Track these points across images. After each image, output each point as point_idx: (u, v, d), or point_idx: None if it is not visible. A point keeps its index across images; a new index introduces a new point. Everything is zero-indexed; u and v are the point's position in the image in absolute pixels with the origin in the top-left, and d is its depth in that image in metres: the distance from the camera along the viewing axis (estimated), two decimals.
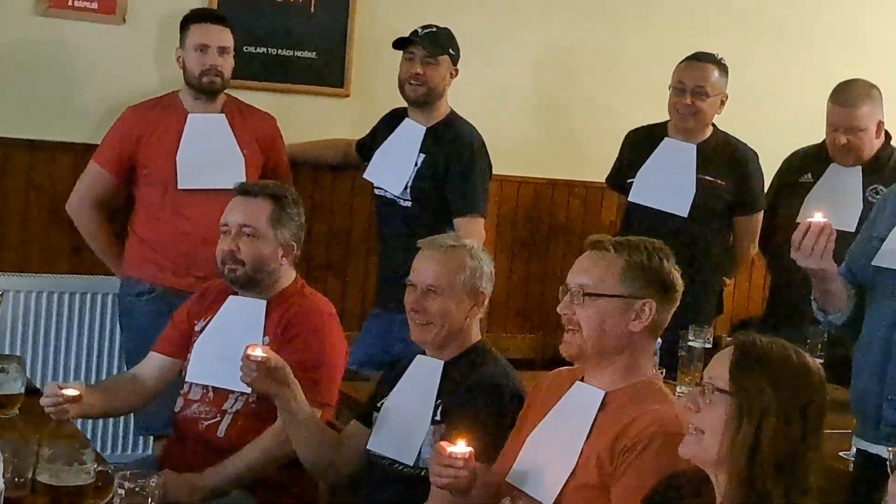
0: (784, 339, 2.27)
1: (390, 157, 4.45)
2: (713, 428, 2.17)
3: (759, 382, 2.14)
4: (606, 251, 2.59)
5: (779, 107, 5.48)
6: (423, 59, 4.35)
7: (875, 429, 2.93)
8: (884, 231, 3.00)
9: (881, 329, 2.95)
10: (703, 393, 2.19)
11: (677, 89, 4.49)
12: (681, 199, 4.49)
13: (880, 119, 4.38)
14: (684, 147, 4.54)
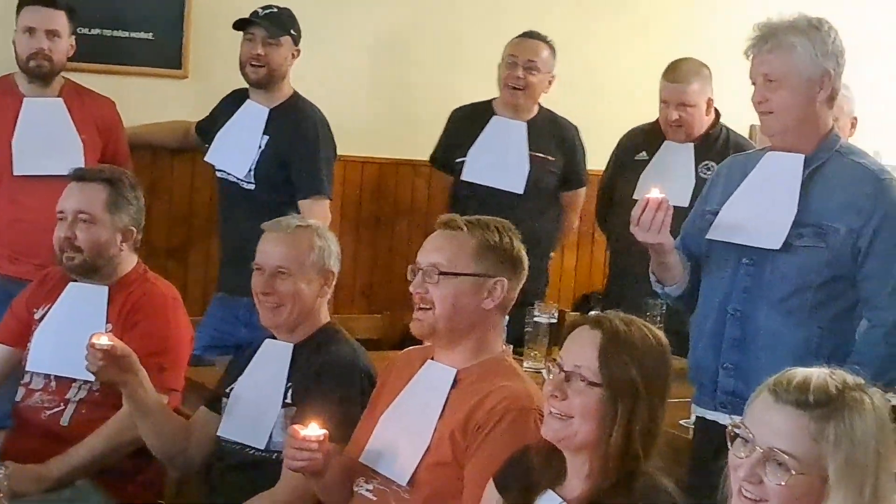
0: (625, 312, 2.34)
1: (233, 139, 4.39)
2: (583, 416, 2.20)
3: (628, 370, 2.19)
4: (459, 230, 2.62)
5: (615, 85, 5.60)
6: (264, 40, 4.30)
7: (712, 396, 3.03)
8: (716, 205, 3.10)
9: (716, 300, 3.05)
10: (569, 381, 2.22)
11: (509, 63, 4.56)
12: (516, 177, 4.57)
13: (710, 97, 4.51)
14: (514, 124, 4.60)
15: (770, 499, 1.85)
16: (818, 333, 2.93)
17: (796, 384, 1.87)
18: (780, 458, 1.84)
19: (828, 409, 1.84)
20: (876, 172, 2.97)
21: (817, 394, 1.85)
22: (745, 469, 1.87)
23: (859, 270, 2.92)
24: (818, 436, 1.83)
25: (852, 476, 1.82)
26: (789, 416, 1.85)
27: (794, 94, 2.95)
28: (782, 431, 1.85)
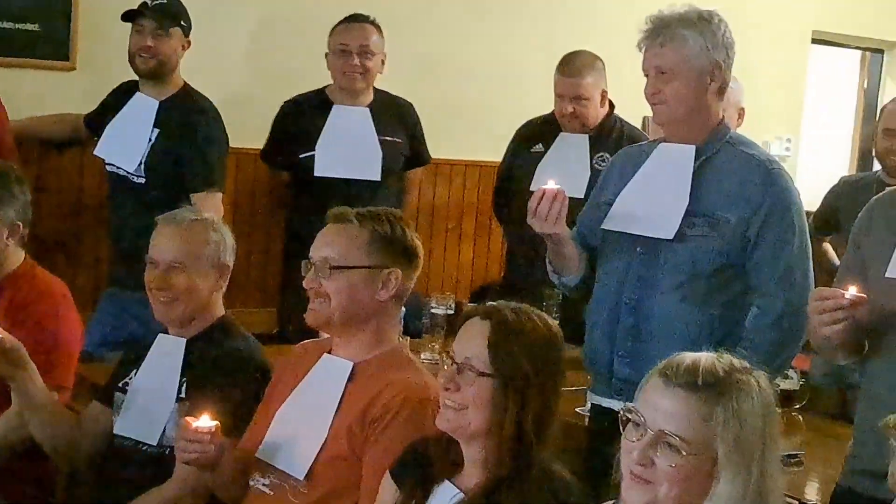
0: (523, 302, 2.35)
1: (122, 132, 4.30)
2: (476, 405, 2.21)
3: (517, 359, 2.21)
4: (350, 223, 2.60)
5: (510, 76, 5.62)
6: (154, 32, 4.22)
7: (608, 384, 3.06)
8: (611, 196, 3.13)
9: (611, 289, 3.08)
10: (461, 372, 2.23)
11: (342, 51, 4.45)
12: (371, 164, 4.49)
13: (604, 89, 4.56)
14: (357, 111, 4.52)
15: (661, 481, 1.89)
16: (710, 320, 2.98)
17: (685, 367, 1.91)
18: (670, 441, 1.87)
19: (716, 391, 1.88)
20: (765, 163, 3.02)
21: (706, 376, 1.89)
22: (637, 452, 1.90)
23: (749, 259, 2.97)
24: (707, 417, 1.87)
25: (741, 456, 1.86)
26: (679, 398, 1.89)
27: (686, 85, 2.99)
28: (672, 414, 1.88)
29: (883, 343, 2.53)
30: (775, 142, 6.81)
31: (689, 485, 1.88)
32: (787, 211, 2.98)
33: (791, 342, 2.96)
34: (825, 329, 2.44)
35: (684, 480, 1.88)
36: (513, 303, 2.31)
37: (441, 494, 2.28)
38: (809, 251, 3.05)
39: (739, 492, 1.86)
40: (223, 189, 4.32)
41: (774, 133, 6.81)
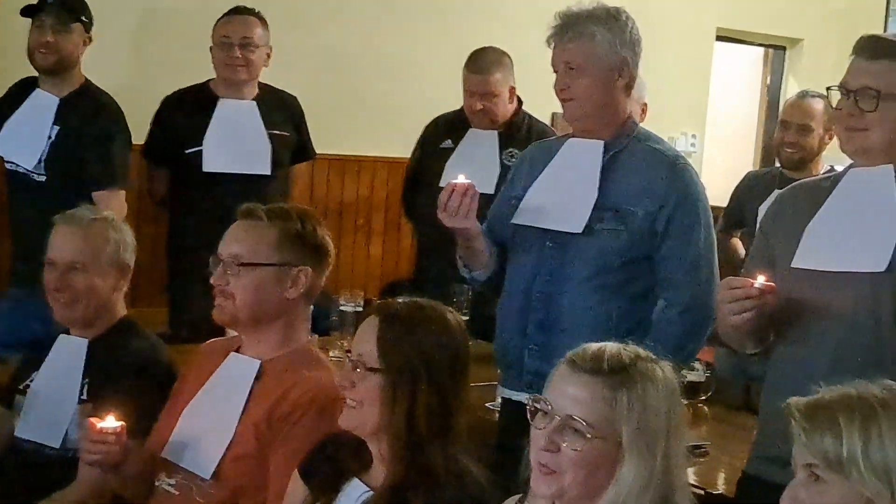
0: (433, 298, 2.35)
1: (21, 129, 4.20)
2: (370, 402, 2.21)
3: (407, 353, 2.20)
4: (259, 220, 2.58)
5: (419, 74, 5.61)
6: (54, 27, 4.13)
7: (518, 377, 3.07)
8: (520, 191, 3.13)
9: (521, 283, 3.08)
10: (356, 369, 2.23)
11: (224, 44, 4.39)
12: (260, 158, 4.43)
13: (512, 85, 4.57)
14: (244, 105, 4.45)
15: (567, 469, 1.91)
16: (619, 313, 3.00)
17: (591, 354, 1.95)
18: (576, 426, 1.90)
19: (621, 376, 1.92)
20: (671, 158, 3.05)
21: (611, 362, 1.93)
22: (544, 438, 1.92)
23: (656, 252, 3.00)
24: (612, 401, 1.90)
25: (644, 441, 1.89)
26: (585, 383, 1.92)
27: (595, 81, 3.00)
28: (578, 398, 1.91)
29: (788, 332, 2.57)
30: (681, 138, 6.90)
31: (594, 470, 1.90)
32: (693, 205, 3.01)
33: (697, 334, 3.00)
34: (734, 318, 2.47)
35: (590, 466, 1.90)
36: (411, 298, 2.31)
37: (350, 492, 2.27)
38: (715, 245, 3.09)
39: (643, 476, 1.89)
40: (126, 186, 4.24)
41: (680, 129, 6.90)
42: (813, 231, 2.56)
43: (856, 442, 1.73)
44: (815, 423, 1.75)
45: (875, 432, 1.73)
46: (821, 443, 1.74)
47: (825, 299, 2.51)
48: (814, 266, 2.53)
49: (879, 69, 2.48)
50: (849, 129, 2.53)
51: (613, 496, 1.90)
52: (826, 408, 1.77)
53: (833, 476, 1.73)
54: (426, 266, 4.65)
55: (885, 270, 2.43)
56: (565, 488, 1.91)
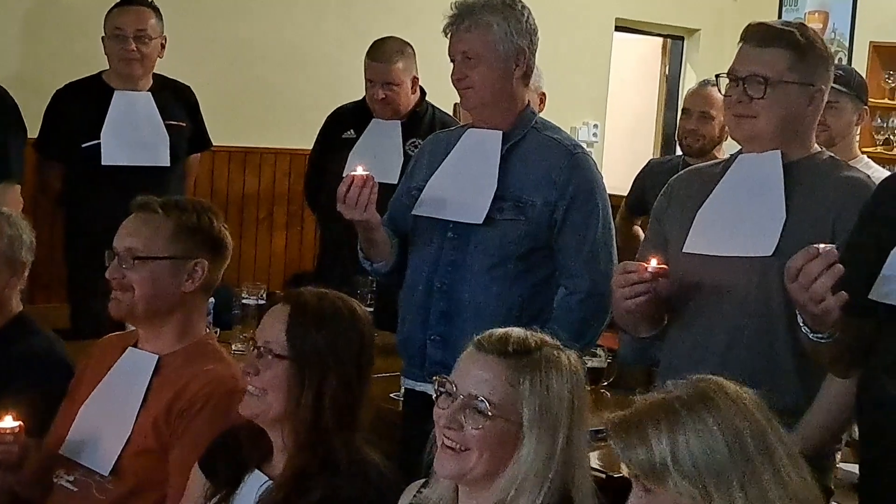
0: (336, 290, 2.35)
1: None
2: (275, 389, 2.21)
3: (315, 343, 2.21)
4: (155, 213, 2.55)
5: (320, 64, 5.59)
6: None
7: (421, 368, 3.08)
8: (421, 182, 3.15)
9: (423, 274, 3.10)
10: (261, 356, 2.23)
11: (117, 36, 4.32)
12: (158, 150, 4.39)
13: (415, 75, 4.57)
14: (140, 97, 4.40)
15: (470, 446, 1.93)
16: (520, 302, 3.03)
17: (497, 336, 1.99)
18: (478, 405, 1.93)
19: (526, 359, 1.95)
20: (569, 147, 3.08)
21: (516, 345, 1.97)
22: (446, 418, 1.95)
23: (556, 241, 3.03)
24: (514, 382, 1.93)
25: (545, 423, 1.92)
26: (490, 364, 1.96)
27: (492, 71, 3.02)
28: (482, 378, 1.95)
29: (682, 316, 2.62)
30: (583, 127, 6.98)
31: (497, 450, 1.93)
32: (591, 194, 3.05)
33: (596, 321, 3.04)
34: (628, 302, 2.50)
35: (492, 445, 1.93)
36: (317, 288, 2.31)
37: (251, 483, 2.27)
38: (613, 233, 3.13)
39: (542, 458, 1.92)
40: (21, 181, 4.16)
41: (582, 118, 6.98)
42: (703, 217, 2.60)
43: (664, 449, 1.68)
44: (627, 436, 1.71)
45: (681, 436, 1.68)
46: (636, 456, 1.70)
47: (716, 284, 2.55)
48: (704, 251, 2.58)
49: (767, 56, 2.53)
50: (738, 116, 2.58)
51: (511, 476, 1.93)
52: (635, 419, 1.73)
53: (657, 487, 1.70)
54: (329, 258, 4.63)
55: (772, 255, 2.49)
56: (468, 468, 1.94)
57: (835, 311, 2.15)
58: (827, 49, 2.62)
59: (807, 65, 2.54)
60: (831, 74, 2.63)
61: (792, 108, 2.55)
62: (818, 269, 2.12)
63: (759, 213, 2.54)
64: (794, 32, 2.55)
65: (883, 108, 7.13)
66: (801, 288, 2.14)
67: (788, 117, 2.55)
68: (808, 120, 2.59)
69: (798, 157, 2.59)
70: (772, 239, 2.50)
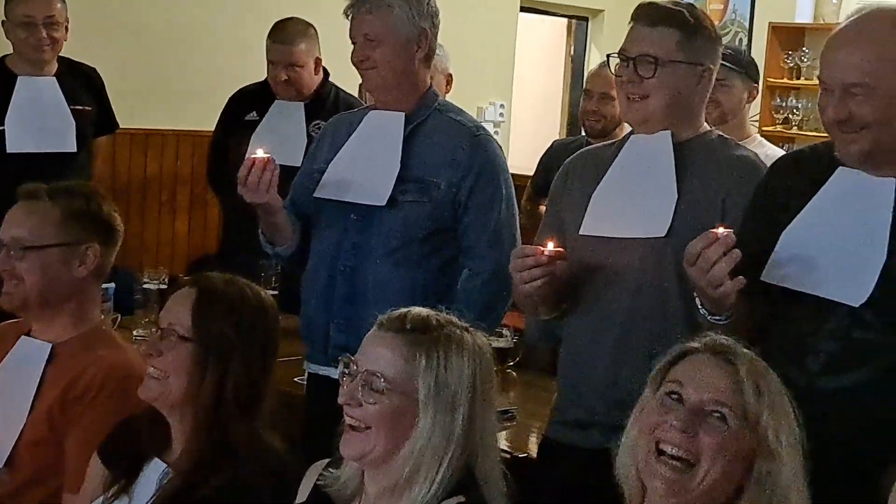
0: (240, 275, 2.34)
1: None
2: (177, 372, 2.19)
3: (221, 327, 2.20)
4: (41, 200, 2.51)
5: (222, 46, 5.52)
6: None
7: (324, 352, 3.06)
8: (323, 164, 3.12)
9: (326, 257, 3.08)
10: (164, 338, 2.21)
11: (27, 23, 4.24)
12: (64, 136, 4.32)
13: (318, 56, 4.54)
14: (44, 82, 4.32)
15: (370, 423, 1.94)
16: (425, 284, 3.03)
17: (398, 315, 2.00)
18: (374, 380, 1.94)
19: (424, 336, 1.96)
20: (471, 129, 3.09)
21: (415, 322, 1.98)
22: (346, 394, 1.96)
23: (460, 222, 3.04)
24: (410, 357, 1.94)
25: (442, 400, 1.93)
26: (388, 340, 1.97)
27: (394, 53, 3.01)
28: (380, 355, 1.96)
29: (580, 298, 2.64)
30: (489, 108, 6.99)
31: (395, 426, 1.93)
32: (494, 176, 3.06)
33: (500, 302, 3.05)
34: (526, 286, 2.51)
35: (390, 420, 1.93)
36: (226, 274, 2.30)
37: (150, 472, 2.25)
38: (517, 214, 3.14)
39: (440, 435, 1.92)
40: None
41: (489, 99, 6.99)
42: (597, 199, 2.62)
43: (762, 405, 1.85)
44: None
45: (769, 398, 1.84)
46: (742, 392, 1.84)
47: (612, 265, 2.58)
48: (599, 233, 2.60)
49: (657, 36, 2.55)
50: (629, 97, 2.60)
51: (408, 452, 1.93)
52: None
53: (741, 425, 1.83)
54: (233, 241, 4.58)
55: (665, 236, 2.51)
56: (370, 447, 1.94)
57: (732, 295, 2.20)
58: (715, 29, 2.65)
59: (695, 44, 2.57)
60: (719, 54, 2.66)
61: (681, 88, 2.57)
62: (716, 255, 2.16)
63: (651, 194, 2.57)
64: (683, 12, 2.57)
65: (782, 88, 7.25)
66: (699, 272, 2.19)
67: (678, 97, 2.58)
68: (697, 99, 2.62)
69: (688, 137, 2.62)
70: (664, 220, 2.52)
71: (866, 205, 2.27)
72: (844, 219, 2.29)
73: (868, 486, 2.06)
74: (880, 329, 2.23)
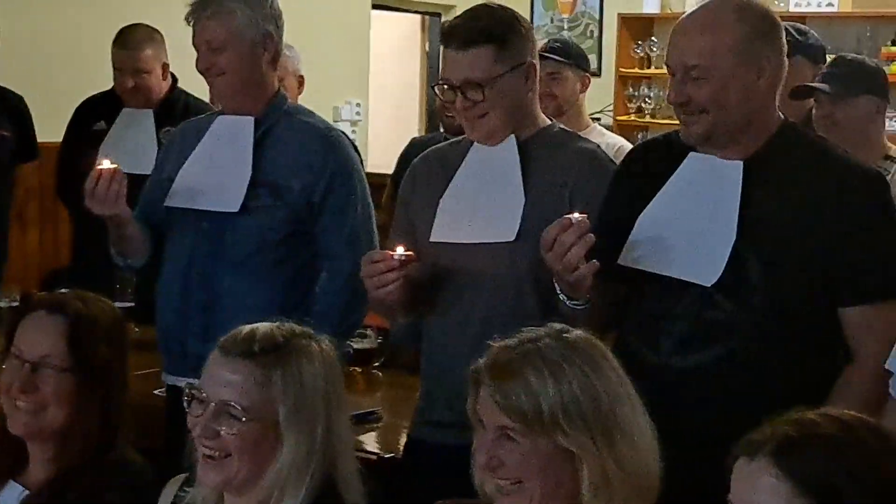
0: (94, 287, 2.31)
1: None
2: (58, 403, 2.15)
3: (99, 351, 2.17)
4: None
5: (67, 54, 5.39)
6: None
7: (182, 362, 3.01)
8: (172, 172, 3.08)
9: (180, 266, 3.04)
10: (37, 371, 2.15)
11: None
12: None
13: (165, 62, 4.47)
14: None
15: (230, 451, 1.91)
16: (283, 289, 3.01)
17: (243, 337, 1.95)
18: (231, 410, 1.90)
19: (274, 356, 1.92)
20: (323, 130, 3.08)
21: (263, 343, 1.93)
22: (201, 427, 1.92)
23: (316, 225, 3.02)
24: (265, 382, 1.90)
25: (302, 418, 1.91)
26: (237, 366, 1.92)
27: (239, 58, 2.99)
28: (232, 382, 1.91)
29: (437, 301, 2.64)
30: (346, 106, 6.98)
31: (256, 452, 1.91)
32: (348, 177, 3.05)
33: (359, 303, 3.03)
34: (379, 292, 2.50)
35: (251, 448, 1.90)
36: (74, 291, 2.25)
37: (7, 494, 2.19)
38: (373, 213, 3.14)
39: (303, 453, 1.91)
40: None
41: (345, 98, 6.97)
42: (446, 205, 2.63)
43: (553, 400, 1.75)
44: (507, 386, 1.77)
45: (566, 383, 1.76)
46: (518, 405, 1.76)
47: (467, 270, 2.59)
48: (449, 240, 2.61)
49: (473, 59, 2.54)
50: (469, 120, 2.60)
51: (275, 476, 1.91)
52: (514, 370, 1.79)
53: (531, 434, 1.76)
54: (85, 253, 4.47)
55: (516, 239, 2.53)
56: (231, 475, 1.91)
57: (588, 278, 2.24)
58: (523, 22, 2.64)
59: (511, 50, 2.57)
60: (535, 42, 2.66)
61: (513, 95, 2.59)
62: (571, 239, 2.21)
63: (499, 198, 2.59)
64: (489, 27, 2.55)
65: (634, 78, 7.40)
66: (556, 257, 2.23)
67: (514, 104, 2.60)
68: (530, 97, 2.64)
69: (530, 134, 2.65)
70: (513, 224, 2.54)
71: (716, 188, 2.34)
72: (695, 202, 2.36)
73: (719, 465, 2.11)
74: (730, 309, 2.29)
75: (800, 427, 1.54)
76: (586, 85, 4.11)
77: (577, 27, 7.76)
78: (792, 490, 1.49)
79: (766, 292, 2.28)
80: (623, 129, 6.93)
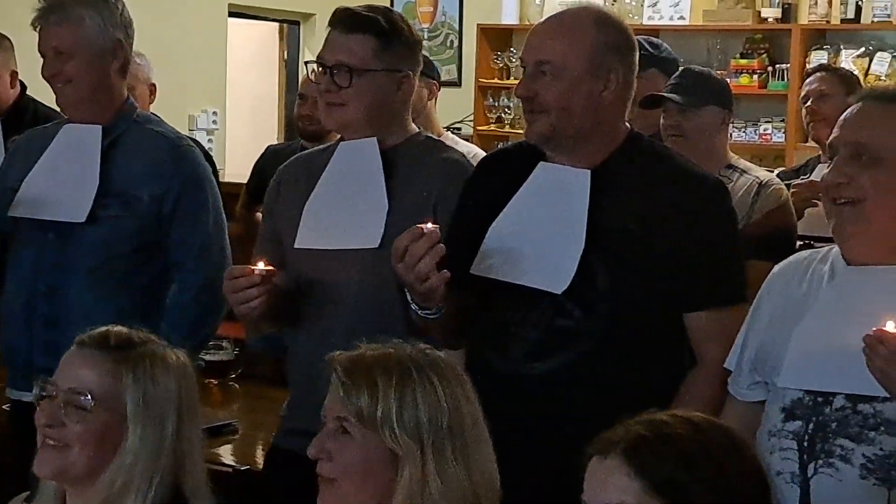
0: None
1: None
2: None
3: None
4: None
5: None
6: None
7: (27, 377, 2.91)
8: (16, 181, 3.00)
9: (24, 278, 2.97)
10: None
11: None
12: None
13: (13, 69, 4.36)
14: None
15: (72, 443, 1.90)
16: (131, 301, 2.96)
17: (99, 333, 1.99)
18: (79, 399, 1.91)
19: (129, 352, 1.95)
20: (173, 140, 3.04)
21: (118, 339, 1.97)
22: (47, 415, 1.91)
23: (166, 237, 2.98)
24: (117, 374, 1.93)
25: (151, 415, 1.92)
26: (91, 358, 1.94)
27: (88, 66, 2.94)
28: (83, 374, 1.93)
29: (303, 312, 2.62)
30: (202, 115, 6.89)
31: (100, 444, 1.91)
32: (199, 187, 3.02)
33: (211, 315, 3.01)
34: (243, 307, 2.47)
35: (96, 439, 1.91)
36: None
37: None
38: (225, 224, 3.11)
39: (150, 451, 1.91)
40: None
41: (201, 106, 6.89)
42: (310, 211, 2.61)
43: (391, 402, 1.81)
44: (354, 379, 1.82)
45: (409, 394, 1.81)
46: (357, 399, 1.81)
47: (332, 277, 2.58)
48: (314, 246, 2.59)
49: (353, 44, 2.56)
50: (328, 105, 2.61)
51: (116, 469, 1.91)
52: (367, 366, 1.84)
53: (362, 430, 1.81)
54: None
55: (380, 247, 2.52)
56: (68, 464, 1.91)
57: (439, 288, 2.25)
58: (413, 34, 2.67)
59: (392, 51, 2.59)
60: (419, 59, 2.69)
61: (380, 96, 2.59)
62: (422, 250, 2.21)
63: (362, 204, 2.58)
64: (379, 19, 2.58)
65: (494, 88, 7.45)
66: (406, 268, 2.23)
67: (377, 104, 2.59)
68: (398, 105, 2.64)
69: (397, 142, 2.65)
70: (377, 230, 2.54)
71: (565, 196, 2.37)
72: (546, 210, 2.38)
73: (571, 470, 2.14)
74: (578, 316, 2.33)
75: (651, 427, 1.58)
76: (434, 92, 4.12)
77: (437, 37, 7.80)
78: (642, 488, 1.53)
79: (613, 300, 2.32)
80: (483, 139, 6.99)
